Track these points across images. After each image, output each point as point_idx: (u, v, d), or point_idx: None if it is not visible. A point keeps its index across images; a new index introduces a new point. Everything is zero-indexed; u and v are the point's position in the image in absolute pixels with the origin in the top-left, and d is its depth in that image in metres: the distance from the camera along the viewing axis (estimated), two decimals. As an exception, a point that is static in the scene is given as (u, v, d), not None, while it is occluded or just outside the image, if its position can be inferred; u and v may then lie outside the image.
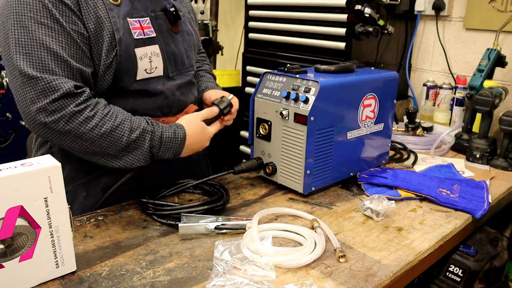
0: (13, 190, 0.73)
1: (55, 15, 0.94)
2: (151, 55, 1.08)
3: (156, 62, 1.10)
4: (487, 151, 1.54)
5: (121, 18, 1.03)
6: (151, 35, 1.08)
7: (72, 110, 0.94)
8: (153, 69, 1.10)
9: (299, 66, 1.27)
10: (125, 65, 1.04)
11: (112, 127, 0.99)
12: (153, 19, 1.10)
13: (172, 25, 1.15)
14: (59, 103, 0.93)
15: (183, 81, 1.19)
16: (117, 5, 1.03)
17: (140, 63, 1.06)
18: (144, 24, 1.08)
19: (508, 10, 1.75)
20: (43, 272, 0.81)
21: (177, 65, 1.17)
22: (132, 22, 1.05)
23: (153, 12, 1.11)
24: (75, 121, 0.95)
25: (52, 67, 0.93)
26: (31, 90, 0.92)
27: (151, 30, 1.09)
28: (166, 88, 1.14)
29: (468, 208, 1.17)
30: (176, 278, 0.84)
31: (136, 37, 1.05)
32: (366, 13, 1.71)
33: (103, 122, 0.98)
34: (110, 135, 0.99)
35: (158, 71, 1.11)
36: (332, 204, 1.19)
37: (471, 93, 1.63)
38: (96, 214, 1.08)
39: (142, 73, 1.07)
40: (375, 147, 1.38)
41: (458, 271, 1.25)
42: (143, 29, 1.07)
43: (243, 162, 1.25)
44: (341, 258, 0.91)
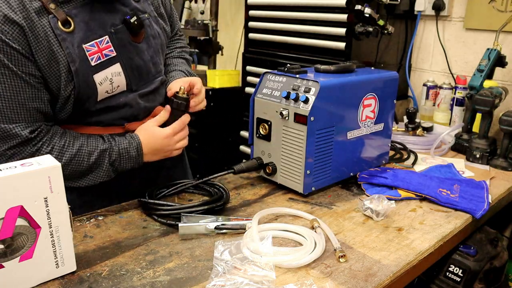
0: (13, 190, 0.73)
1: (3, 61, 0.91)
2: (112, 76, 1.05)
3: (117, 81, 1.07)
4: (487, 151, 1.54)
5: (75, 46, 0.98)
6: (110, 55, 1.04)
7: (29, 151, 0.97)
8: (115, 88, 1.08)
9: (299, 66, 1.27)
10: (84, 93, 1.02)
11: (71, 156, 1.02)
12: (112, 35, 1.04)
13: (135, 36, 1.09)
14: (16, 149, 0.96)
15: (149, 89, 1.16)
16: (70, 32, 0.97)
17: (100, 87, 1.04)
18: (103, 45, 1.02)
19: (508, 10, 1.75)
20: (43, 272, 0.81)
21: (142, 76, 1.13)
22: (88, 48, 1.00)
23: (112, 27, 1.04)
24: None
25: (8, 114, 0.94)
26: None
27: (110, 49, 1.04)
28: (129, 99, 1.11)
29: (468, 208, 1.17)
30: (176, 278, 0.84)
31: (94, 63, 1.01)
32: (366, 13, 1.71)
33: (62, 153, 1.01)
34: (71, 163, 1.02)
35: (120, 88, 1.09)
36: (332, 204, 1.19)
37: (471, 93, 1.63)
38: (96, 214, 1.08)
39: (102, 95, 1.06)
40: (375, 147, 1.38)
41: (458, 271, 1.25)
42: (101, 51, 1.02)
43: (243, 162, 1.25)
44: (341, 258, 0.91)
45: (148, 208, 1.08)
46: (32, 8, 0.93)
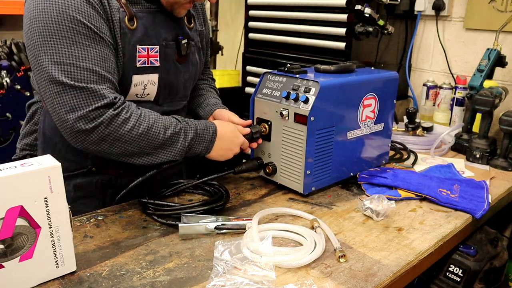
0: (13, 190, 0.73)
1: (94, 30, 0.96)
2: (147, 83, 1.10)
3: (150, 89, 1.12)
4: (487, 151, 1.54)
5: (131, 44, 1.04)
6: (155, 64, 1.09)
7: (111, 114, 0.96)
8: (145, 95, 1.12)
9: (299, 66, 1.27)
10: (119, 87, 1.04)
11: (148, 127, 1.01)
12: (162, 48, 1.10)
13: (180, 56, 1.16)
14: (100, 111, 0.95)
15: (172, 109, 1.20)
16: (132, 30, 1.04)
17: (133, 89, 1.08)
18: (152, 53, 1.08)
19: (508, 10, 1.75)
20: (43, 272, 0.81)
21: (171, 94, 1.18)
22: (140, 50, 1.06)
23: (164, 41, 1.10)
24: (114, 124, 0.96)
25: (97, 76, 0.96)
26: (72, 99, 0.93)
27: (156, 59, 1.09)
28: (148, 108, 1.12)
29: (468, 208, 1.17)
30: (176, 278, 0.84)
31: (139, 65, 1.07)
32: (366, 13, 1.71)
33: (139, 122, 1.00)
34: (147, 134, 1.01)
35: (149, 97, 1.13)
36: (332, 204, 1.19)
37: (471, 93, 1.63)
38: (96, 214, 1.08)
39: (132, 96, 1.10)
40: (375, 147, 1.38)
41: (458, 271, 1.25)
42: (149, 57, 1.08)
43: (243, 162, 1.26)
44: (341, 258, 0.91)
45: (148, 208, 1.08)
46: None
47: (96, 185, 1.18)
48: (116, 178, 1.19)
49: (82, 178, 1.17)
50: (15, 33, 2.75)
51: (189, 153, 1.09)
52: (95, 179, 1.18)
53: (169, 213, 1.04)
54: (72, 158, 1.14)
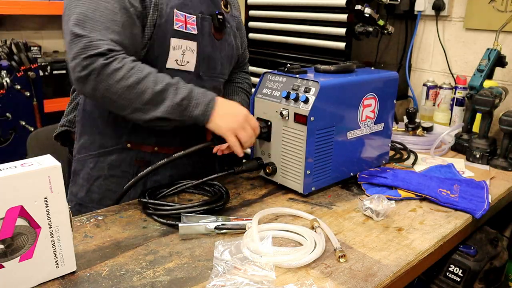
0: (13, 190, 0.73)
1: None
2: (186, 49, 1.13)
3: (188, 56, 1.14)
4: (487, 151, 1.54)
5: (168, 7, 1.08)
6: (192, 31, 1.14)
7: (101, 63, 0.97)
8: (185, 62, 1.14)
9: (299, 66, 1.27)
10: (157, 50, 1.09)
11: (138, 79, 1.00)
12: (198, 19, 1.15)
13: (216, 31, 1.19)
14: (92, 59, 0.97)
15: (211, 85, 1.22)
16: None
17: (172, 52, 1.11)
18: (189, 21, 1.13)
19: (508, 10, 1.75)
20: (43, 272, 0.81)
21: (210, 68, 1.21)
22: (178, 14, 1.11)
23: (201, 13, 1.15)
24: (104, 73, 0.98)
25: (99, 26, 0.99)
26: (75, 47, 0.98)
27: (193, 27, 1.14)
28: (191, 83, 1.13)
29: (468, 208, 1.17)
30: (176, 278, 0.84)
31: (176, 28, 1.10)
32: (366, 13, 1.71)
33: (130, 74, 1.00)
34: (136, 87, 1.00)
35: (189, 66, 1.16)
36: (332, 204, 1.19)
37: (471, 93, 1.63)
38: (96, 214, 1.08)
39: (172, 63, 1.13)
40: (375, 147, 1.38)
41: (458, 271, 1.25)
42: (186, 24, 1.12)
43: (243, 162, 1.25)
44: (341, 258, 0.91)
45: (148, 208, 1.08)
46: None
47: (130, 163, 1.21)
48: (151, 155, 1.21)
49: (117, 155, 1.20)
50: (15, 33, 2.75)
51: (184, 115, 1.05)
52: (129, 156, 1.20)
53: (169, 213, 1.04)
54: (109, 132, 1.19)
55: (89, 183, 1.22)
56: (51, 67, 2.56)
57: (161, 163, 1.11)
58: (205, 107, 1.06)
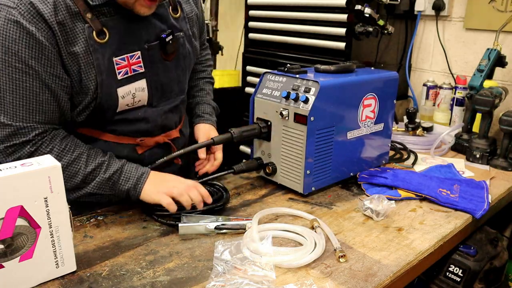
0: (13, 190, 0.73)
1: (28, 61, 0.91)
2: (136, 91, 1.06)
3: (140, 96, 1.08)
4: (487, 151, 1.54)
5: (106, 59, 0.99)
6: (138, 71, 1.05)
7: (28, 150, 0.96)
8: (136, 102, 1.08)
9: (299, 66, 1.27)
10: (106, 104, 1.02)
11: (68, 162, 0.99)
12: (145, 51, 1.05)
13: (166, 54, 1.10)
14: (16, 147, 0.95)
15: (169, 106, 1.17)
16: (103, 44, 0.98)
17: (121, 100, 1.04)
18: (133, 60, 1.03)
19: (508, 10, 1.75)
20: (43, 272, 0.81)
21: (164, 93, 1.14)
22: (118, 61, 1.01)
23: (146, 43, 1.05)
24: None
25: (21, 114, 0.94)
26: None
27: (140, 65, 1.05)
28: (147, 115, 1.12)
29: (468, 208, 1.17)
30: (176, 278, 0.84)
31: (121, 77, 1.02)
32: (366, 13, 1.71)
33: (59, 157, 0.98)
34: (66, 170, 0.99)
35: (141, 103, 1.10)
36: (332, 204, 1.19)
37: (471, 93, 1.63)
38: (96, 214, 1.08)
39: (123, 107, 1.07)
40: (375, 147, 1.38)
41: (458, 271, 1.25)
42: (130, 66, 1.03)
43: (243, 162, 1.25)
44: (341, 258, 0.91)
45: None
46: (67, 12, 0.93)
47: None
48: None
49: None
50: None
51: (115, 189, 1.03)
52: None
53: (169, 213, 1.04)
54: None
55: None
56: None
57: (160, 162, 1.11)
58: (136, 181, 1.03)
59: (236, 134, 1.17)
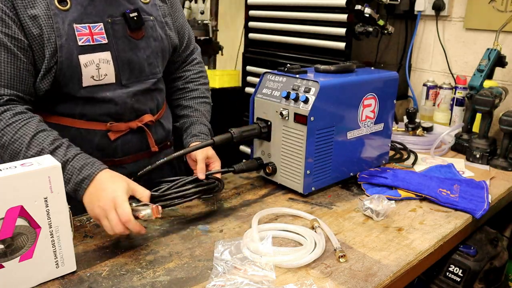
0: (13, 190, 0.73)
1: None
2: (99, 62, 1.05)
3: (105, 69, 1.07)
4: (487, 151, 1.54)
5: (66, 24, 1.00)
6: (101, 41, 1.05)
7: None
8: (102, 76, 1.07)
9: (299, 66, 1.27)
10: (67, 72, 1.02)
11: (11, 140, 0.94)
12: (108, 25, 1.06)
13: (132, 31, 1.10)
14: None
15: (139, 88, 1.14)
16: (65, 10, 1.00)
17: (84, 70, 1.03)
18: (95, 30, 1.04)
19: (508, 10, 1.75)
20: (43, 272, 0.81)
21: (133, 72, 1.13)
22: (79, 28, 1.02)
23: (110, 17, 1.06)
24: None
25: None
26: None
27: (102, 36, 1.05)
28: (116, 95, 1.10)
29: (468, 208, 1.17)
30: (176, 278, 0.84)
31: (82, 44, 1.02)
32: (366, 13, 1.71)
33: (3, 133, 0.95)
34: (8, 147, 0.95)
35: (108, 79, 1.08)
36: (332, 204, 1.19)
37: (471, 93, 1.63)
38: (96, 214, 1.08)
39: (88, 80, 1.05)
40: (375, 147, 1.38)
41: (458, 271, 1.25)
42: (92, 35, 1.04)
43: (243, 162, 1.25)
44: (341, 258, 0.91)
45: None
46: None
47: None
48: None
49: None
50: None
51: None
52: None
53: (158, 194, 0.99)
54: None
55: None
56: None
57: (160, 162, 1.10)
58: (76, 186, 0.93)
59: (236, 134, 1.17)
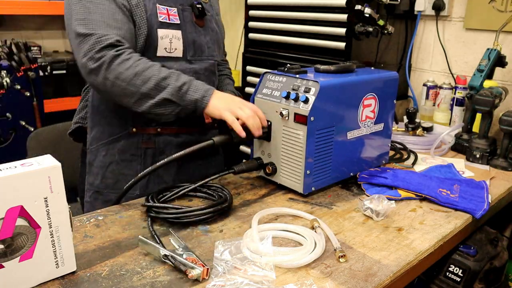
0: (13, 190, 0.73)
1: None
2: (172, 38, 1.25)
3: (176, 44, 1.26)
4: (487, 151, 1.54)
5: (151, 3, 1.22)
6: (175, 21, 1.27)
7: (112, 54, 1.11)
8: (173, 49, 1.26)
9: (299, 66, 1.27)
10: (147, 41, 1.22)
11: (144, 68, 1.13)
12: (179, 11, 1.28)
13: (197, 19, 1.32)
14: (103, 52, 1.11)
15: (201, 66, 1.33)
16: None
17: (160, 41, 1.24)
18: (171, 12, 1.26)
19: (508, 10, 1.75)
20: (43, 272, 0.81)
21: (197, 51, 1.32)
22: (160, 8, 1.24)
23: (181, 5, 1.29)
24: (115, 63, 1.11)
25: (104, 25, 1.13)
26: (85, 45, 1.11)
27: (176, 18, 1.27)
28: (181, 69, 1.25)
29: (468, 208, 1.17)
30: (176, 278, 0.84)
31: (161, 20, 1.24)
32: (366, 13, 1.71)
33: (137, 64, 1.13)
34: (142, 74, 1.12)
35: (177, 52, 1.27)
36: (332, 204, 1.19)
37: (471, 93, 1.63)
38: (96, 214, 1.08)
39: (162, 51, 1.25)
40: (375, 147, 1.38)
41: (458, 271, 1.25)
42: (169, 15, 1.26)
43: (243, 162, 1.25)
44: (341, 258, 0.91)
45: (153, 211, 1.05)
46: None
47: (137, 147, 1.31)
48: (155, 136, 1.31)
49: (125, 140, 1.31)
50: (15, 33, 2.75)
51: (185, 99, 1.14)
52: (136, 140, 1.31)
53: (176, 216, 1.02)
54: (116, 121, 1.31)
55: (103, 170, 1.33)
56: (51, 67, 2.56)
57: (161, 163, 1.10)
58: (204, 93, 1.15)
59: (236, 134, 1.17)
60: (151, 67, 1.14)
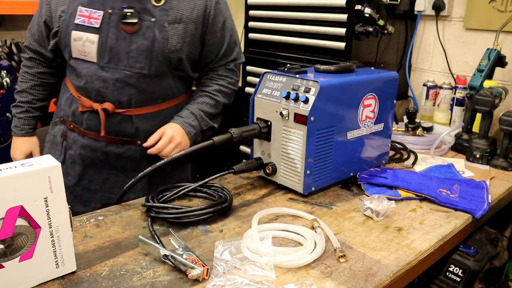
0: (13, 190, 0.73)
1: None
2: (86, 41, 1.26)
3: (89, 47, 1.27)
4: (487, 151, 1.54)
5: (75, 4, 1.27)
6: (94, 25, 1.26)
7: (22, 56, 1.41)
8: (86, 53, 1.28)
9: (299, 66, 1.27)
10: (63, 41, 1.31)
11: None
12: (106, 14, 1.26)
13: (126, 25, 1.26)
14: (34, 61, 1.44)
15: (112, 76, 1.29)
16: None
17: (73, 43, 1.29)
18: (94, 16, 1.26)
19: (508, 10, 1.75)
20: (43, 272, 0.81)
21: (113, 60, 1.28)
22: (82, 10, 1.27)
23: (112, 8, 1.26)
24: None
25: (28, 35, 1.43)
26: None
27: (97, 21, 1.26)
28: (88, 73, 1.29)
29: (468, 208, 1.17)
30: (176, 278, 0.84)
31: (77, 22, 1.27)
32: (366, 13, 1.71)
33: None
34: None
35: (90, 57, 1.28)
36: (332, 204, 1.19)
37: (471, 93, 1.63)
38: (96, 214, 1.08)
39: (76, 52, 1.30)
40: (375, 147, 1.38)
41: (458, 271, 1.25)
42: (89, 18, 1.26)
43: (243, 162, 1.25)
44: (341, 258, 0.91)
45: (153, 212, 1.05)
46: None
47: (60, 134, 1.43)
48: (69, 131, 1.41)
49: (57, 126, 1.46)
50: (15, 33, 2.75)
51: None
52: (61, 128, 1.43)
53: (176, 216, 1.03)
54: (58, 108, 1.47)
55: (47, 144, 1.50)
56: (51, 67, 2.56)
57: (161, 163, 1.11)
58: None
59: (236, 134, 1.17)
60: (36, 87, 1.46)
